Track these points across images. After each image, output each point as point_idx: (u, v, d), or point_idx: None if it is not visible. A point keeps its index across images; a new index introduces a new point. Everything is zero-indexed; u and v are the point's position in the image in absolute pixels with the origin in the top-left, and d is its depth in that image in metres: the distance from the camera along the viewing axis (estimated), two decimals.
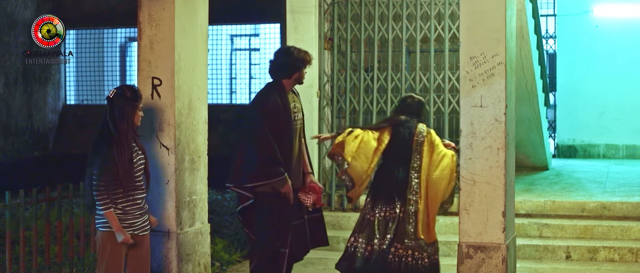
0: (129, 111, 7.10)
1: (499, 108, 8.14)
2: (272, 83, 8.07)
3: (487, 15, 8.22)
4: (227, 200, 12.77)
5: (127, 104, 7.10)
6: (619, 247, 10.03)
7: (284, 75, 8.02)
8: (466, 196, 8.26)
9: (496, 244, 8.16)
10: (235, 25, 19.39)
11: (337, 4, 11.73)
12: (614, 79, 17.36)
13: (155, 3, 8.98)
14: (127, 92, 7.17)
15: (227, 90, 19.55)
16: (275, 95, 7.95)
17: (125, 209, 7.07)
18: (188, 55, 9.11)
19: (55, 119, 19.49)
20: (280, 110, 7.91)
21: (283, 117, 7.92)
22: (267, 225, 7.97)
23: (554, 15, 19.15)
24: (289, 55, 8.06)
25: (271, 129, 7.79)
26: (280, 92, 7.99)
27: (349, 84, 11.68)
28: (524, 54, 12.99)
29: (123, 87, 7.27)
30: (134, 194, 7.12)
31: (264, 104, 7.90)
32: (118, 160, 6.95)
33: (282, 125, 7.89)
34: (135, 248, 7.22)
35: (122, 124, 7.05)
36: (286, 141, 7.91)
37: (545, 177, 14.27)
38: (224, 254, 10.50)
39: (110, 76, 19.85)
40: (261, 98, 8.01)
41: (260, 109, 7.89)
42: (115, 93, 7.13)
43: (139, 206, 7.19)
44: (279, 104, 7.92)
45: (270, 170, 7.79)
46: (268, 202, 7.88)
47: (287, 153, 7.93)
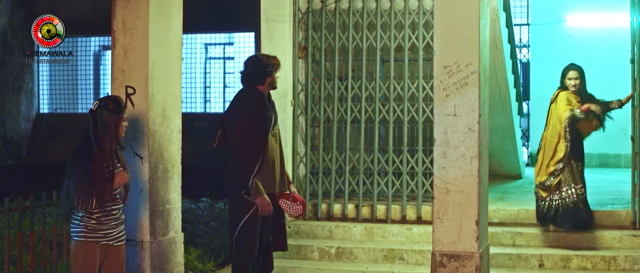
0: (112, 123, 7.07)
1: (472, 117, 8.17)
2: (248, 89, 8.09)
3: (460, 25, 8.25)
4: (201, 210, 12.74)
5: (110, 116, 7.06)
6: (592, 255, 10.06)
7: (257, 82, 8.03)
8: (439, 205, 8.28)
9: (469, 253, 8.18)
10: (209, 34, 19.39)
11: (312, 13, 11.73)
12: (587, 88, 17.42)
13: (129, 11, 8.96)
14: (109, 104, 7.13)
15: (201, 99, 19.53)
16: (253, 100, 7.97)
17: (100, 219, 7.04)
18: (162, 64, 9.09)
19: (29, 128, 19.40)
20: (262, 114, 7.95)
21: (265, 120, 7.95)
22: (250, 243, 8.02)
23: (528, 25, 19.24)
24: (257, 62, 8.10)
25: (255, 136, 7.84)
26: (257, 96, 8.00)
27: (323, 92, 11.68)
28: (498, 63, 13.04)
29: (106, 99, 7.22)
30: (110, 205, 7.09)
31: (245, 110, 7.92)
32: (96, 173, 6.91)
33: (265, 128, 7.93)
34: (110, 258, 7.18)
35: (103, 137, 7.01)
36: (268, 145, 7.92)
37: (518, 185, 14.31)
38: (197, 263, 10.47)
39: (84, 85, 19.79)
40: (241, 105, 8.02)
41: (241, 117, 7.92)
42: (98, 105, 7.10)
43: (115, 217, 7.15)
44: (258, 108, 7.95)
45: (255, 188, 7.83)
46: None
47: (273, 157, 7.98)
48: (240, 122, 7.93)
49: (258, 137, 7.86)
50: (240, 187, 7.82)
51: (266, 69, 8.04)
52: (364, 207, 11.42)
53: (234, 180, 7.91)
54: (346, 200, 11.47)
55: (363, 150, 11.48)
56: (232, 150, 7.95)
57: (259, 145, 7.84)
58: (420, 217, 11.16)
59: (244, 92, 8.12)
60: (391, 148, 11.37)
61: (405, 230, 10.97)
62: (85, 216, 6.97)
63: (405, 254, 10.53)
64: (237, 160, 7.85)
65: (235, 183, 7.88)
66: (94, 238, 7.03)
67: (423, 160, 11.24)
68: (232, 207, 8.11)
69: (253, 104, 7.95)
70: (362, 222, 11.32)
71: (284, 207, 8.13)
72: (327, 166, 11.65)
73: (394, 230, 11.04)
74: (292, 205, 8.14)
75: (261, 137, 7.88)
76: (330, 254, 10.76)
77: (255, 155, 7.79)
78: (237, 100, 8.15)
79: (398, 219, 11.28)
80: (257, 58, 8.19)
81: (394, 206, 11.32)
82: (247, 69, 8.14)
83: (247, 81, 8.11)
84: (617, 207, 11.16)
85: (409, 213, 11.25)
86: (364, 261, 10.59)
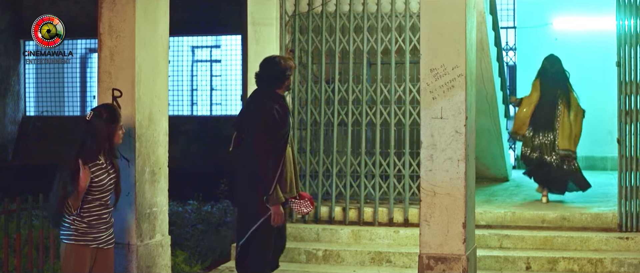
0: (106, 132, 7.04)
1: (459, 120, 8.19)
2: (267, 91, 8.07)
3: (447, 28, 8.27)
4: (188, 212, 12.74)
5: (104, 126, 7.03)
6: (579, 257, 10.09)
7: (276, 85, 8.05)
8: (426, 207, 8.29)
9: (456, 255, 8.20)
10: (196, 37, 19.41)
11: (298, 16, 11.73)
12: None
13: (115, 14, 8.95)
14: (103, 113, 7.10)
15: (188, 101, 19.55)
16: (274, 103, 7.97)
17: (90, 223, 7.02)
18: (148, 66, 9.08)
19: (15, 130, 19.37)
20: (284, 117, 7.97)
21: (287, 124, 7.98)
22: (267, 248, 8.07)
23: (514, 28, 19.30)
24: (277, 65, 8.09)
25: (278, 140, 7.86)
26: (278, 99, 8.03)
27: (310, 95, 11.68)
28: (484, 66, 13.06)
29: (100, 108, 7.19)
30: (99, 210, 7.08)
31: (268, 114, 7.91)
32: (81, 180, 6.88)
33: (287, 132, 7.96)
34: (100, 261, 7.17)
35: (93, 145, 6.99)
36: (287, 150, 7.97)
37: (505, 188, 14.34)
38: (184, 266, 10.47)
39: (70, 87, 19.78)
40: (263, 108, 7.99)
41: (264, 120, 7.91)
42: (92, 115, 7.07)
43: (105, 220, 7.15)
44: (281, 111, 7.96)
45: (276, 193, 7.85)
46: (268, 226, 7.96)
47: (289, 161, 8.01)
48: (263, 126, 7.90)
49: (281, 141, 7.88)
50: (260, 191, 7.83)
51: (286, 73, 8.07)
52: (351, 209, 11.43)
53: (253, 184, 7.92)
54: (333, 203, 11.47)
55: (350, 153, 11.48)
56: (252, 153, 7.93)
57: (282, 149, 7.86)
58: (408, 220, 11.17)
59: (263, 95, 8.08)
60: (378, 151, 11.38)
61: (393, 233, 10.98)
62: (76, 219, 6.95)
63: (393, 257, 10.54)
64: (258, 164, 7.83)
65: (254, 187, 7.90)
66: (85, 242, 7.01)
67: (410, 162, 11.25)
68: (245, 210, 8.11)
69: (275, 107, 7.94)
70: (350, 225, 11.33)
71: (293, 207, 8.16)
72: (314, 169, 11.64)
73: (381, 232, 11.04)
74: (302, 203, 8.19)
75: (284, 142, 7.90)
76: (317, 257, 10.76)
77: (278, 161, 7.80)
78: (257, 102, 8.10)
79: (385, 222, 11.28)
80: (276, 60, 8.17)
81: (381, 209, 11.33)
82: (265, 71, 8.14)
83: (265, 83, 8.10)
84: (603, 209, 11.19)
85: (396, 216, 11.26)
86: (351, 264, 10.60)
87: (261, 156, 7.81)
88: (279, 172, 7.78)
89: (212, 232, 12.36)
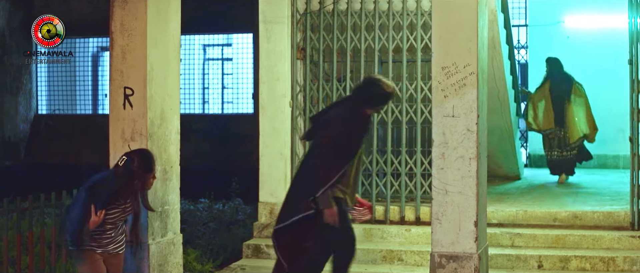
0: (136, 183, 7.02)
1: (470, 118, 8.17)
2: (357, 106, 8.11)
3: (459, 26, 8.25)
4: (200, 211, 12.75)
5: (136, 175, 7.01)
6: (591, 256, 10.06)
7: (369, 105, 8.13)
8: (438, 206, 8.27)
9: (468, 254, 8.18)
10: (207, 35, 19.40)
11: (310, 14, 11.73)
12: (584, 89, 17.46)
13: (127, 13, 8.96)
14: (135, 162, 7.06)
15: (199, 100, 19.54)
16: (359, 120, 8.06)
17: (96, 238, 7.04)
18: (160, 65, 9.09)
19: (27, 129, 19.41)
20: (360, 136, 8.06)
21: (360, 143, 8.05)
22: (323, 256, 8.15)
23: (526, 26, 19.23)
24: (380, 89, 8.11)
25: (346, 153, 7.92)
26: (364, 119, 8.10)
27: (322, 93, 11.68)
28: (496, 64, 13.03)
29: (134, 155, 7.15)
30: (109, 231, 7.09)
31: (350, 126, 8.00)
32: (91, 223, 6.86)
33: (357, 149, 8.01)
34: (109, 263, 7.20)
35: (117, 193, 6.97)
36: (351, 163, 8.00)
37: (517, 186, 14.31)
38: (196, 264, 10.48)
39: (82, 86, 19.80)
40: (348, 118, 8.06)
41: (343, 129, 7.98)
42: (125, 162, 7.01)
43: (119, 230, 7.18)
44: (361, 130, 8.06)
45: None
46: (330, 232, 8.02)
47: (352, 174, 8.04)
48: (337, 133, 7.95)
49: (348, 154, 7.92)
50: (310, 189, 7.90)
51: (386, 99, 8.23)
52: None
53: (307, 180, 8.01)
54: None
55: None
56: (318, 152, 8.03)
57: (346, 161, 7.89)
58: (419, 218, 11.16)
59: (351, 105, 8.14)
60: (390, 149, 11.37)
61: (404, 231, 10.97)
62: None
63: (404, 255, 10.53)
64: (319, 165, 7.91)
65: (306, 183, 7.98)
66: (90, 248, 7.04)
67: (422, 161, 11.24)
68: (292, 199, 8.19)
69: (359, 124, 8.04)
70: (361, 223, 11.32)
71: (353, 215, 8.24)
72: None
73: (392, 231, 11.04)
74: (361, 211, 8.28)
75: (350, 156, 7.94)
76: None
77: (338, 170, 7.84)
78: (345, 110, 8.15)
79: (397, 220, 11.27)
80: (380, 85, 8.14)
81: (393, 207, 11.32)
82: (366, 88, 8.20)
83: (359, 99, 8.14)
84: (616, 208, 11.16)
85: (407, 214, 11.25)
86: (362, 262, 10.58)
87: (325, 159, 7.90)
88: (334, 179, 7.83)
89: (223, 230, 12.37)
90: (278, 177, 11.51)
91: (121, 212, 7.09)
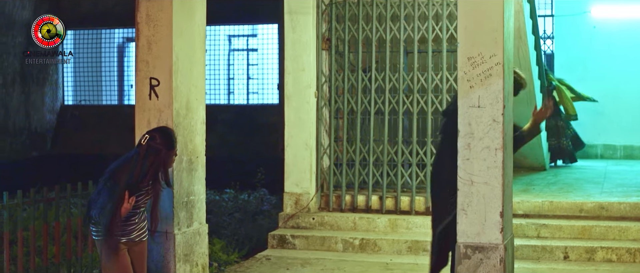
0: (159, 161, 7.02)
1: (496, 108, 8.14)
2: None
3: (485, 16, 8.22)
4: (225, 201, 12.78)
5: (158, 153, 7.02)
6: (617, 247, 10.03)
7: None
8: (464, 196, 8.25)
9: (494, 244, 8.16)
10: (233, 26, 19.43)
11: (335, 5, 11.72)
12: (611, 79, 17.39)
13: (152, 3, 8.97)
14: (158, 140, 7.08)
15: (224, 90, 19.58)
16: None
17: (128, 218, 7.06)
18: (186, 55, 9.10)
19: (53, 120, 19.51)
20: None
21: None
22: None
23: (552, 16, 19.17)
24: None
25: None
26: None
27: (347, 84, 11.68)
28: (522, 55, 12.99)
29: (156, 133, 7.16)
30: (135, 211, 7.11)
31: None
32: (123, 210, 6.86)
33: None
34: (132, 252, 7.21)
35: (144, 173, 6.96)
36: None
37: (543, 177, 14.27)
38: (222, 254, 10.50)
39: (108, 76, 19.89)
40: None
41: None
42: (147, 139, 7.02)
43: (141, 217, 7.19)
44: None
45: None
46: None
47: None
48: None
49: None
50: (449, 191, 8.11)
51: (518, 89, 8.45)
52: (387, 198, 11.42)
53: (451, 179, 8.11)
54: (370, 192, 11.47)
55: (387, 141, 11.47)
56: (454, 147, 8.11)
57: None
58: None
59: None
60: (415, 139, 11.36)
61: (429, 222, 10.95)
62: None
63: (429, 246, 10.51)
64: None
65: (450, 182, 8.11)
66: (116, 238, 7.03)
67: None
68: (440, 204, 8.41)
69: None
70: (386, 214, 11.32)
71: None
72: (350, 158, 11.65)
73: (418, 221, 11.03)
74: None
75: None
76: (354, 246, 10.77)
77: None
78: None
79: (422, 211, 11.26)
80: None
81: (418, 197, 11.32)
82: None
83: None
84: None
85: None
86: (388, 252, 10.59)
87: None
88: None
89: (249, 220, 12.40)
90: (303, 168, 11.53)
91: (145, 195, 7.10)
